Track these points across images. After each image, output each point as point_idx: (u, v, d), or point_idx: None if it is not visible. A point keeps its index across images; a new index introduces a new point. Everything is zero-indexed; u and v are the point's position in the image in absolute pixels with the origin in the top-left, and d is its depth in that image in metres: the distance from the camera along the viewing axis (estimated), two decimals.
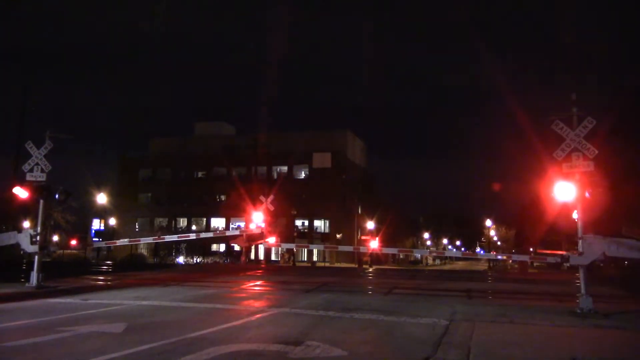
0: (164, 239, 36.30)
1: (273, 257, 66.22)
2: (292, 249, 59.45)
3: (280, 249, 60.04)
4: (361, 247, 32.49)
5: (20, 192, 15.66)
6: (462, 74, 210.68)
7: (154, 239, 35.10)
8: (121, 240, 40.80)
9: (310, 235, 71.16)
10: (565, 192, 12.34)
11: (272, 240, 21.18)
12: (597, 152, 12.17)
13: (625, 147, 28.76)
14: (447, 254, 50.13)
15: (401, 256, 79.82)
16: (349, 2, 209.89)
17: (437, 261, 68.90)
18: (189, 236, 35.85)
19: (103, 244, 37.22)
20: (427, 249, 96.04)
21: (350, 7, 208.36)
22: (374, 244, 40.68)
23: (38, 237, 15.42)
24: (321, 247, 54.81)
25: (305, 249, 69.42)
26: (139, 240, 41.40)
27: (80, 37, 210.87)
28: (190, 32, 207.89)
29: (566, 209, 14.40)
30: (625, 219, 27.83)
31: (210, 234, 41.41)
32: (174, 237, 36.41)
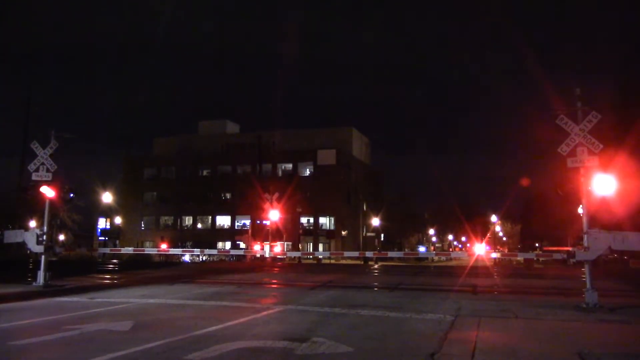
0: (168, 251, 36.95)
1: (279, 255, 66.33)
2: (298, 245, 59.60)
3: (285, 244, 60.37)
4: (367, 253, 32.75)
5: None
6: (466, 70, 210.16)
7: (158, 251, 35.64)
8: (125, 248, 41.10)
9: (315, 233, 71.24)
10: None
11: (277, 248, 21.54)
12: (602, 146, 12.13)
13: (630, 141, 28.61)
14: (452, 255, 50.38)
15: (406, 250, 79.69)
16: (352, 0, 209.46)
17: (443, 257, 68.89)
18: (193, 251, 36.81)
19: (108, 250, 37.57)
20: (432, 246, 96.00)
21: (353, 4, 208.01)
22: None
23: (44, 237, 15.50)
24: (327, 253, 55.30)
25: (311, 245, 69.54)
26: (144, 250, 41.68)
27: (83, 37, 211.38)
28: (193, 31, 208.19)
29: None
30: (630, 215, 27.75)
31: (214, 251, 42.01)
32: (178, 251, 37.19)
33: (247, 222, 70.30)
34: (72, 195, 16.50)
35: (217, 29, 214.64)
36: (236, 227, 74.19)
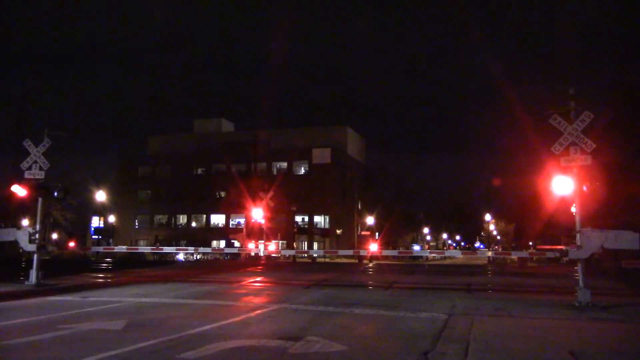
0: (162, 249, 36.97)
1: (273, 254, 66.32)
2: (293, 243, 59.59)
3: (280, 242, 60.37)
4: (361, 251, 32.76)
5: (19, 190, 15.65)
6: (461, 68, 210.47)
7: (152, 249, 35.66)
8: (119, 247, 41.01)
9: (310, 231, 71.22)
10: (563, 186, 12.37)
11: (272, 247, 21.48)
12: (594, 146, 12.19)
13: (624, 141, 28.75)
14: (447, 253, 50.40)
15: (401, 248, 79.87)
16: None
17: (438, 256, 69.27)
18: (187, 249, 36.68)
19: (101, 249, 37.51)
20: (426, 245, 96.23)
21: (348, 3, 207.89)
22: (374, 247, 40.94)
23: (37, 236, 15.43)
24: (321, 252, 55.42)
25: (306, 244, 69.53)
26: (137, 249, 41.59)
27: (78, 35, 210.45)
28: (188, 29, 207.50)
29: (564, 202, 14.44)
30: (623, 212, 27.89)
31: (208, 249, 42.01)
32: (172, 250, 37.14)
33: (242, 220, 70.17)
34: (65, 193, 16.42)
35: (212, 27, 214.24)
36: (231, 226, 74.11)
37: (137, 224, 79.28)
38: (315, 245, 69.64)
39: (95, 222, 69.57)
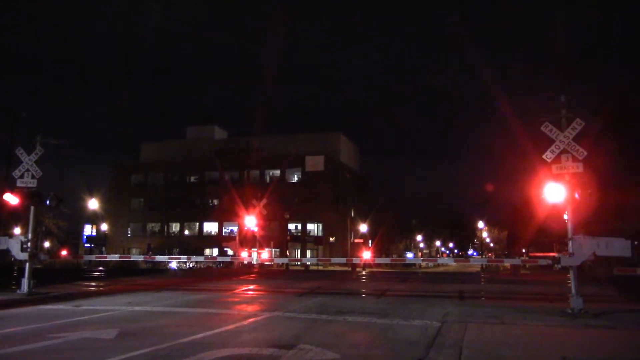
0: (154, 258, 36.92)
1: (266, 262, 66.15)
2: (286, 251, 59.53)
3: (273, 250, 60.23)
4: (354, 259, 32.74)
5: (11, 199, 15.56)
6: (453, 76, 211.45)
7: (144, 257, 35.49)
8: (111, 255, 40.90)
9: (303, 239, 71.13)
10: (555, 193, 12.43)
11: (265, 255, 21.45)
12: (586, 153, 12.27)
13: (617, 147, 28.92)
14: (439, 261, 50.25)
15: (394, 256, 79.92)
16: (340, 6, 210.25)
17: (431, 264, 69.44)
18: (180, 258, 36.59)
19: (93, 257, 37.26)
20: (419, 252, 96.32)
21: (341, 10, 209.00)
22: (367, 255, 40.95)
23: (29, 244, 15.34)
24: (314, 260, 55.42)
25: (299, 252, 69.42)
26: (130, 257, 41.40)
27: (72, 42, 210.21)
28: (182, 37, 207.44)
29: (556, 210, 14.49)
30: (616, 218, 28.04)
31: (201, 258, 41.94)
32: (164, 258, 37.04)
33: (235, 228, 70.05)
34: (57, 201, 16.34)
35: (205, 34, 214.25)
36: (224, 234, 73.90)
37: (129, 232, 78.94)
38: (308, 253, 69.51)
39: (88, 230, 69.20)
